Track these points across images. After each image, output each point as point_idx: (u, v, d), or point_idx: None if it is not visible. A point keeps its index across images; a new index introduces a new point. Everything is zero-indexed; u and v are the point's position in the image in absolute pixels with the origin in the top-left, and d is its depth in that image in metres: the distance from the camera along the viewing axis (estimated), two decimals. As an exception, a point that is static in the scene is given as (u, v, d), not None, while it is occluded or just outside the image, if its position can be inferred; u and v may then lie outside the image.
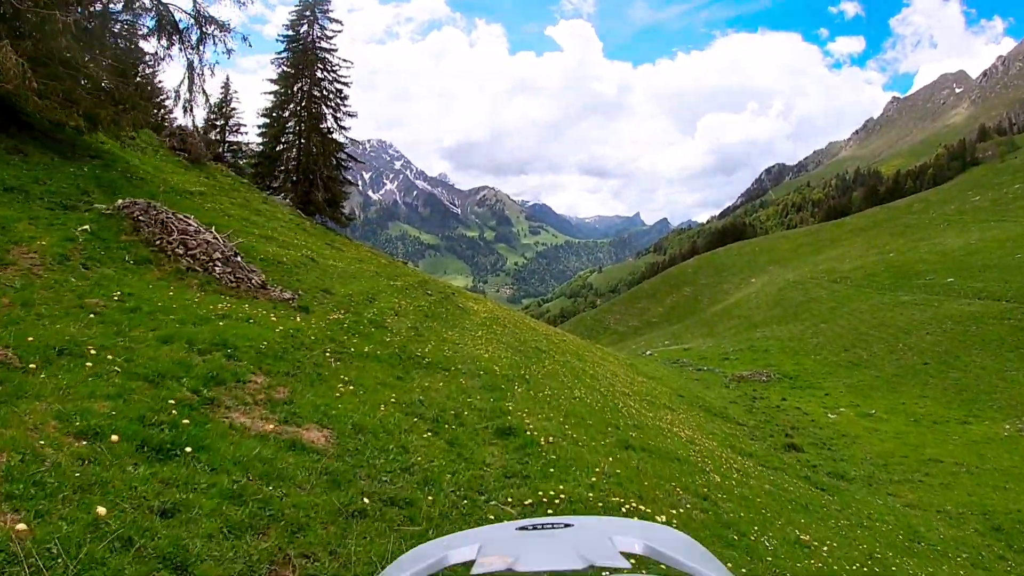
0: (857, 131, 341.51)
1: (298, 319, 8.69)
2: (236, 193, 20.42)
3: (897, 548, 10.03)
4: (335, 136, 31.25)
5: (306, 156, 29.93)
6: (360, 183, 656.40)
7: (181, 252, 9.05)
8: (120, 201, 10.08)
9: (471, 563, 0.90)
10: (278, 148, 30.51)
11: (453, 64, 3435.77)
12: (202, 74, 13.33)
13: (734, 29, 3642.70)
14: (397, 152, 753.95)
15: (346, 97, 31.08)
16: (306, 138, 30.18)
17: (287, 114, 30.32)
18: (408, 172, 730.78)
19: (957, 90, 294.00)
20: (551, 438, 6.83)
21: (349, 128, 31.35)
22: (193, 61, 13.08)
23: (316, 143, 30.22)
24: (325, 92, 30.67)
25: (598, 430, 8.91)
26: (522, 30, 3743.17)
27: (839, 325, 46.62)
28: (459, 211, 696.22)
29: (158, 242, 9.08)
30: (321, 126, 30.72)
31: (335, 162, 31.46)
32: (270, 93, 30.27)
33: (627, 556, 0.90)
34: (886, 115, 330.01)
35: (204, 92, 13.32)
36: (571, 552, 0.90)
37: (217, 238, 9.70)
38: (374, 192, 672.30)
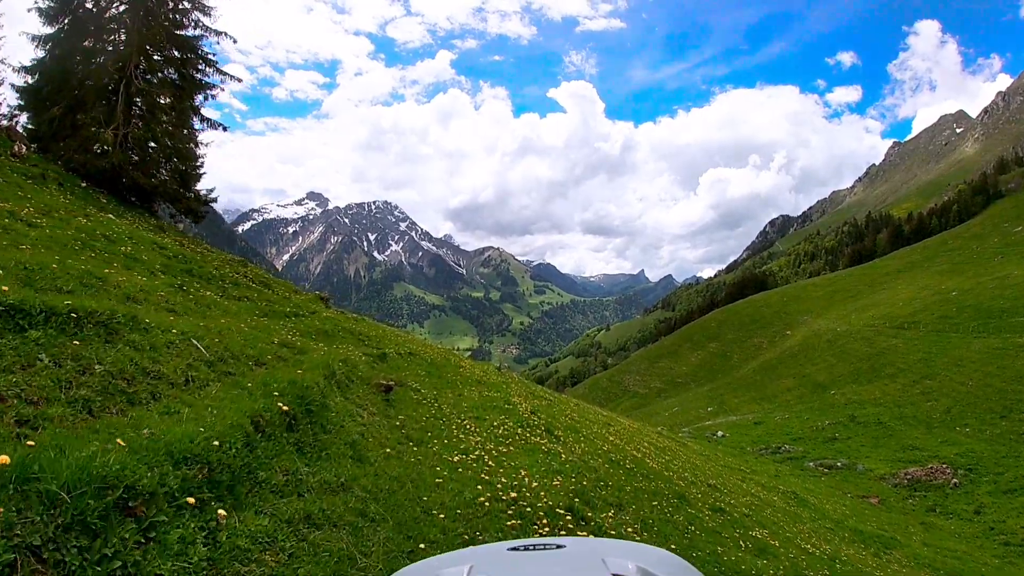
0: (860, 178, 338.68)
1: None
2: None
3: None
4: (182, 32, 18.40)
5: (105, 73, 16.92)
6: (365, 244, 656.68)
7: None
8: None
9: None
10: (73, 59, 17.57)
11: (459, 126, 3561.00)
12: None
13: (732, 85, 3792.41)
14: (402, 213, 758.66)
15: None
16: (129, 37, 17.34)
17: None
18: (413, 233, 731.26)
19: (958, 130, 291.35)
20: None
21: (216, 11, 18.52)
22: None
23: (144, 33, 17.32)
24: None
25: None
26: (525, 92, 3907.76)
27: (957, 382, 38.58)
28: (464, 272, 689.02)
29: None
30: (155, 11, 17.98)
31: (180, 80, 18.31)
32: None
33: None
34: (888, 160, 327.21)
35: None
36: (562, 573, 0.87)
37: None
38: (379, 253, 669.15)
